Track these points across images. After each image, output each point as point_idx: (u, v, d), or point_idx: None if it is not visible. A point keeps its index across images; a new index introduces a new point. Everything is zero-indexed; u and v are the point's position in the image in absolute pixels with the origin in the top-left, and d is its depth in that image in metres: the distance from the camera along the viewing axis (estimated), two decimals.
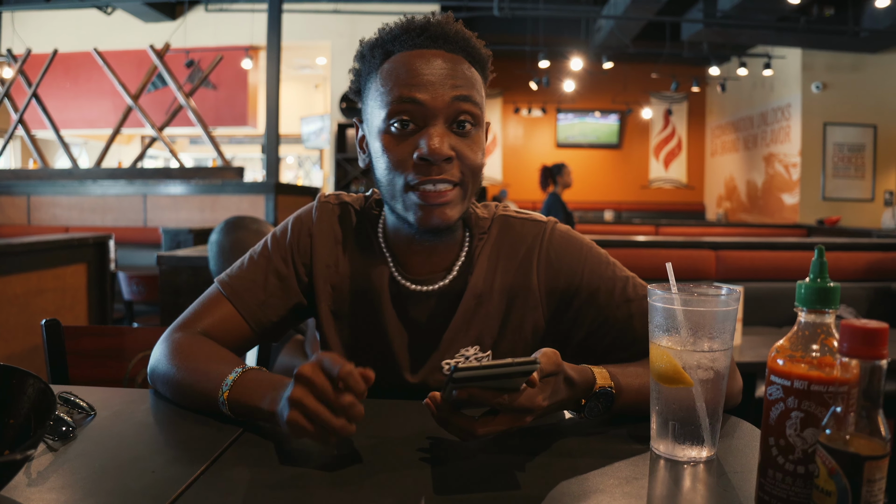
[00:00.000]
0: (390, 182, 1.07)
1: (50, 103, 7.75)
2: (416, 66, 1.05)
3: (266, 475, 0.82)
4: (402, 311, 1.19)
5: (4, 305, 3.21)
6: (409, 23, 1.09)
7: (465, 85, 1.06)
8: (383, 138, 1.07)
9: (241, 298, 1.19)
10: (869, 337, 0.61)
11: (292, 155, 16.11)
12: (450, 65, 1.06)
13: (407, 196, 1.06)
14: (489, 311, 1.17)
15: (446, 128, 1.05)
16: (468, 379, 0.81)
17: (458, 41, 1.09)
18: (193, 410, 1.06)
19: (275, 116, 6.52)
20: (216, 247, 2.42)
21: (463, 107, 1.05)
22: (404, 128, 1.05)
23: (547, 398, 0.89)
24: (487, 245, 1.19)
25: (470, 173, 1.07)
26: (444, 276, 1.17)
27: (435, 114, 1.04)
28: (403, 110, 1.04)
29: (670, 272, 0.91)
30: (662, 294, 0.87)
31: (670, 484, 0.83)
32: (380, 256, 1.19)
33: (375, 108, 1.08)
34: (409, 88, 1.03)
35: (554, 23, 10.43)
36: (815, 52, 9.92)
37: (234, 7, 9.62)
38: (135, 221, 6.26)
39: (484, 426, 0.86)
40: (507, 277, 1.18)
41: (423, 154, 1.02)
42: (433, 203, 1.04)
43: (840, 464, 0.61)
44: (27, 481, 0.79)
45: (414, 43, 1.07)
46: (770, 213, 11.09)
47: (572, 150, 13.29)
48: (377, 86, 1.08)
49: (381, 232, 1.21)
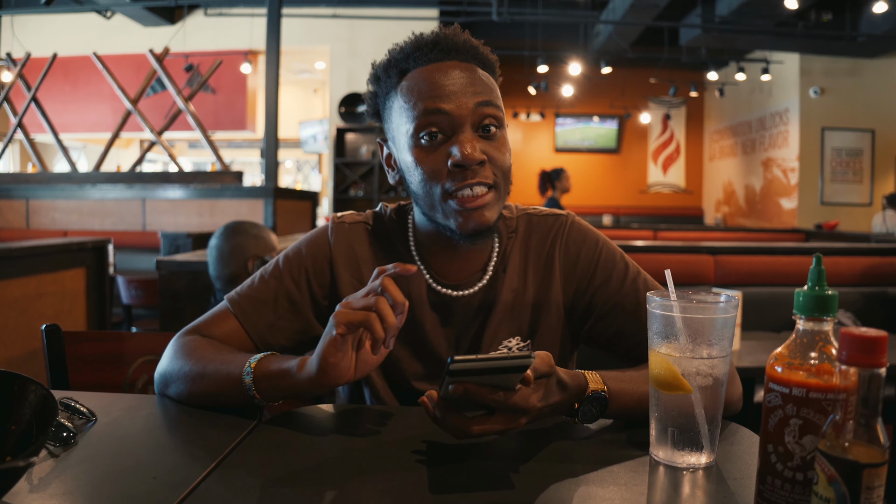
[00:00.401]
0: (427, 193, 1.10)
1: (49, 107, 7.76)
2: (435, 79, 1.08)
3: (268, 480, 0.83)
4: (444, 319, 1.21)
5: (3, 309, 3.21)
6: (418, 40, 1.13)
7: (484, 90, 1.10)
8: (415, 152, 1.10)
9: (250, 319, 1.20)
10: (868, 345, 0.61)
11: (291, 159, 16.12)
12: (467, 73, 1.10)
13: (446, 204, 1.09)
14: (524, 303, 1.22)
15: (474, 133, 1.08)
16: (465, 371, 0.82)
17: (469, 50, 1.13)
18: (207, 405, 1.07)
19: (274, 121, 6.53)
20: (216, 251, 2.43)
21: (486, 111, 1.09)
22: (433, 139, 1.08)
23: (541, 399, 0.90)
24: (516, 242, 1.24)
25: (501, 174, 1.11)
26: (480, 278, 1.21)
27: (461, 122, 1.07)
28: (431, 122, 1.07)
29: (669, 279, 0.92)
30: (661, 301, 0.87)
31: (669, 490, 0.83)
32: None
33: (402, 125, 1.11)
34: (433, 100, 1.07)
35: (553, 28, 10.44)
36: (813, 57, 9.95)
37: (234, 11, 9.64)
38: (133, 225, 6.26)
39: (479, 425, 0.87)
40: (537, 270, 1.23)
41: (457, 161, 1.05)
42: (472, 207, 1.07)
43: (839, 471, 0.61)
44: (29, 487, 0.79)
45: (428, 58, 1.10)
46: (768, 218, 11.10)
47: (571, 155, 13.30)
48: (400, 103, 1.11)
49: (412, 242, 1.23)
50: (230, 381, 1.03)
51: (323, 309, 1.23)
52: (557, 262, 1.23)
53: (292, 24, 9.33)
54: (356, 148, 10.61)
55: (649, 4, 8.36)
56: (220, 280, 2.42)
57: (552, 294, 1.22)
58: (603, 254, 1.23)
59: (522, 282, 1.22)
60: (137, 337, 1.64)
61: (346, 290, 1.21)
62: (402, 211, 1.28)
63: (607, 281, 1.21)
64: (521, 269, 1.23)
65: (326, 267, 1.23)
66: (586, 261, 1.23)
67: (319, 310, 1.23)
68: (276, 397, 1.02)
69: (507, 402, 0.86)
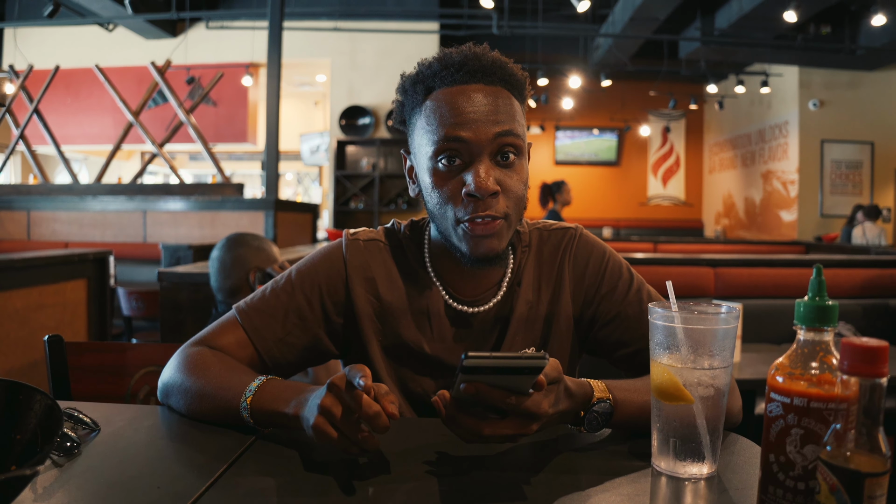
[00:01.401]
0: (443, 215, 1.13)
1: (51, 119, 7.78)
2: (458, 104, 1.09)
3: (272, 491, 0.83)
4: (462, 334, 1.22)
5: (4, 321, 3.21)
6: (446, 58, 1.13)
7: (506, 119, 1.10)
8: (433, 175, 1.12)
9: (259, 333, 1.19)
10: (869, 355, 0.62)
11: (292, 171, 16.15)
12: (490, 99, 1.10)
13: (458, 229, 1.11)
14: (538, 315, 1.24)
15: (491, 162, 1.10)
16: (478, 369, 0.81)
17: (496, 72, 1.12)
18: (205, 421, 1.06)
19: (275, 133, 6.55)
20: (217, 263, 2.43)
21: (506, 140, 1.10)
22: (451, 163, 1.10)
23: (552, 405, 0.90)
24: (530, 257, 1.27)
25: (514, 205, 1.12)
26: (495, 293, 1.23)
27: (480, 150, 1.08)
28: (449, 148, 1.09)
29: (670, 290, 0.92)
30: (663, 312, 0.88)
31: (671, 500, 0.83)
32: (429, 284, 1.23)
33: (423, 145, 1.13)
34: (453, 128, 1.08)
35: (552, 41, 10.50)
36: (813, 70, 9.99)
37: (235, 24, 9.69)
38: (134, 237, 6.26)
39: (490, 427, 0.86)
40: (549, 282, 1.26)
41: (471, 191, 1.07)
42: (482, 235, 1.09)
43: (841, 480, 0.62)
44: (33, 497, 0.79)
45: (454, 79, 1.11)
46: (768, 230, 11.12)
47: (571, 168, 13.34)
48: (423, 123, 1.13)
49: (427, 259, 1.24)
50: (228, 410, 1.03)
51: (336, 326, 1.23)
52: (567, 274, 1.26)
53: (293, 38, 9.37)
54: (357, 160, 10.64)
55: (649, 18, 8.40)
56: (222, 292, 2.42)
57: (562, 305, 1.25)
58: (610, 264, 1.26)
59: (536, 294, 1.25)
60: (139, 348, 1.64)
61: (361, 306, 1.22)
62: (417, 227, 1.29)
63: (612, 290, 1.24)
64: (534, 282, 1.26)
65: (341, 284, 1.23)
66: (593, 271, 1.26)
67: (332, 327, 1.23)
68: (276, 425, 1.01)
69: (520, 407, 0.85)
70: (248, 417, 1.00)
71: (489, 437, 0.87)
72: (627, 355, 1.22)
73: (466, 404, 0.87)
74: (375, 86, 10.14)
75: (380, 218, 10.43)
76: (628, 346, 1.22)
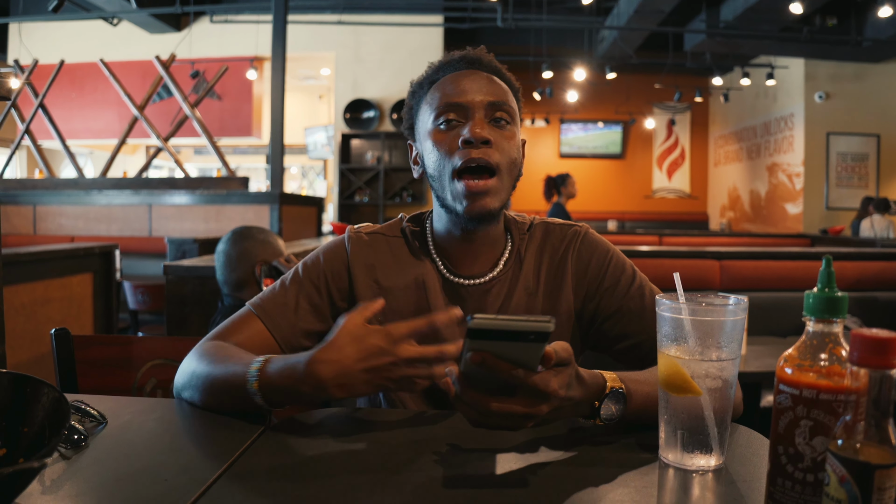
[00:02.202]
0: (440, 172, 1.23)
1: (56, 113, 7.79)
2: (457, 80, 1.24)
3: (279, 483, 0.83)
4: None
5: (11, 315, 3.22)
6: (449, 55, 1.30)
7: (499, 93, 1.24)
8: (433, 135, 1.24)
9: (274, 320, 1.25)
10: (879, 346, 0.61)
11: (296, 165, 16.14)
12: (486, 79, 1.25)
13: (454, 185, 1.20)
14: (536, 303, 1.30)
15: (485, 121, 1.22)
16: (484, 332, 0.81)
17: (492, 65, 1.29)
18: (218, 410, 1.07)
19: (279, 127, 6.54)
20: (223, 256, 2.43)
21: (498, 107, 1.23)
22: (450, 124, 1.22)
23: (562, 387, 0.89)
24: (532, 244, 1.33)
25: (507, 165, 1.22)
26: (492, 270, 1.30)
27: (474, 111, 1.21)
28: (449, 111, 1.22)
29: (678, 282, 0.92)
30: (670, 304, 0.87)
31: (679, 493, 0.83)
32: (428, 265, 1.30)
33: (426, 118, 1.26)
34: (452, 96, 1.22)
35: (557, 33, 10.47)
36: (818, 62, 9.95)
37: (239, 18, 9.67)
38: (140, 231, 6.27)
39: (499, 403, 0.86)
40: (550, 274, 1.31)
41: (466, 137, 1.18)
42: (475, 192, 1.18)
43: (850, 472, 0.61)
44: (41, 489, 0.79)
45: (454, 68, 1.27)
46: (773, 223, 11.09)
47: (576, 161, 13.31)
48: (426, 104, 1.27)
49: (430, 242, 1.33)
50: (237, 387, 1.03)
51: (341, 311, 1.29)
52: (570, 268, 1.31)
53: (298, 31, 9.35)
54: (361, 154, 10.63)
55: (654, 10, 8.37)
56: (228, 285, 2.42)
57: (563, 298, 1.30)
58: (613, 261, 1.31)
59: (536, 283, 1.30)
60: (146, 341, 1.65)
61: (361, 290, 1.29)
62: (419, 217, 1.38)
63: (615, 285, 1.29)
64: (535, 270, 1.31)
65: (344, 271, 1.31)
66: (596, 267, 1.31)
67: (338, 312, 1.29)
68: (282, 401, 1.01)
69: (527, 381, 0.85)
70: (255, 390, 1.00)
71: (497, 414, 0.86)
72: (628, 348, 1.27)
73: (475, 381, 0.87)
74: (380, 79, 10.12)
75: (385, 211, 10.43)
76: (629, 339, 1.27)
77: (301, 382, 0.96)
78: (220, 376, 1.07)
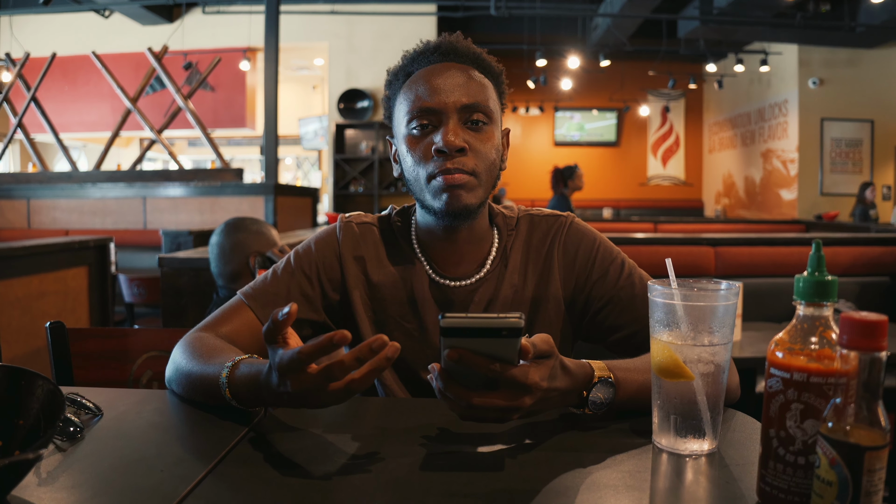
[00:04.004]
0: (416, 177, 1.20)
1: (49, 107, 7.75)
2: (429, 78, 1.19)
3: (273, 473, 0.83)
4: (445, 309, 1.26)
5: (6, 309, 3.22)
6: (424, 45, 1.25)
7: (476, 92, 1.19)
8: (407, 140, 1.20)
9: (265, 310, 1.24)
10: (868, 329, 0.62)
11: (291, 156, 16.12)
12: (461, 74, 1.19)
13: (430, 185, 1.18)
14: (523, 299, 1.28)
15: (460, 125, 1.17)
16: (456, 330, 0.82)
17: (468, 54, 1.23)
18: (202, 405, 1.07)
19: (273, 118, 6.53)
20: (217, 248, 2.43)
21: (475, 108, 1.18)
22: (423, 129, 1.18)
23: (544, 379, 0.89)
24: (518, 241, 1.31)
25: (484, 168, 1.19)
26: (479, 270, 1.28)
27: (447, 115, 1.16)
28: (422, 115, 1.17)
29: (670, 268, 0.92)
30: (662, 289, 0.88)
31: (673, 477, 0.84)
32: (415, 263, 1.29)
33: (401, 119, 1.22)
34: (425, 99, 1.17)
35: (551, 21, 10.44)
36: (812, 48, 9.94)
37: (232, 9, 9.63)
38: (134, 224, 6.26)
39: (480, 397, 0.86)
40: (536, 267, 1.29)
41: (438, 146, 1.15)
42: (452, 185, 1.15)
43: (841, 454, 0.62)
44: (37, 481, 0.80)
45: (429, 60, 1.22)
46: (768, 209, 11.11)
47: (570, 149, 13.31)
48: (401, 101, 1.22)
49: (414, 239, 1.31)
50: (212, 389, 1.01)
51: (333, 302, 1.29)
52: (556, 259, 1.29)
53: (291, 21, 9.32)
54: (356, 144, 10.61)
55: None
56: (222, 277, 2.42)
57: (551, 290, 1.28)
58: (601, 250, 1.29)
59: (522, 279, 1.28)
60: (141, 333, 1.65)
61: (352, 283, 1.28)
62: (406, 212, 1.35)
63: (604, 275, 1.27)
64: (521, 266, 1.29)
65: (335, 262, 1.29)
66: (584, 257, 1.29)
67: (329, 302, 1.29)
68: (253, 404, 0.98)
69: (505, 374, 0.85)
70: (227, 395, 0.97)
71: (479, 409, 0.87)
72: (622, 339, 1.25)
73: (458, 376, 0.87)
74: (373, 69, 10.09)
75: (380, 201, 10.42)
76: (622, 329, 1.25)
77: (263, 389, 0.91)
78: (197, 376, 1.05)
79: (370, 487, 0.79)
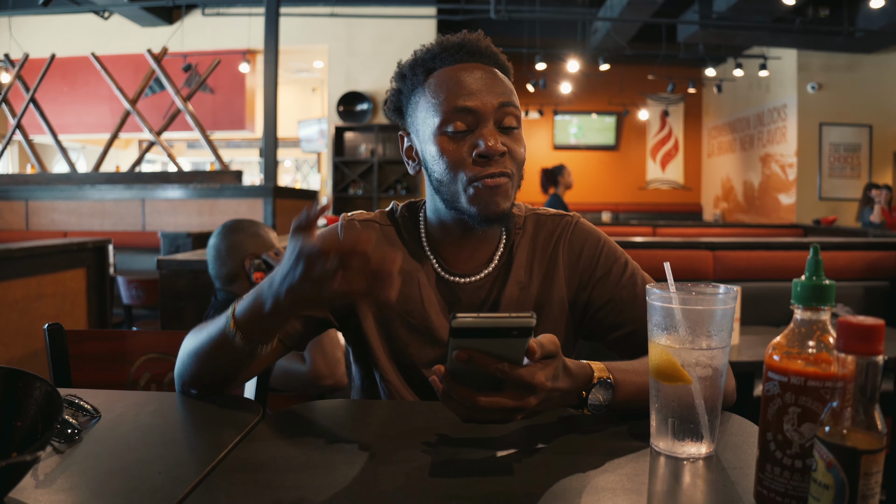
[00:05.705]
0: (452, 180, 1.18)
1: (48, 108, 7.75)
2: (462, 78, 1.18)
3: (272, 476, 0.83)
4: (451, 307, 1.27)
5: (4, 310, 3.21)
6: (445, 41, 1.23)
7: (506, 92, 1.20)
8: (440, 142, 1.18)
9: None
10: (865, 333, 0.62)
11: (290, 158, 16.11)
12: (489, 75, 1.20)
13: (468, 190, 1.17)
14: (528, 298, 1.28)
15: (495, 128, 1.18)
16: (468, 330, 0.82)
17: (491, 55, 1.24)
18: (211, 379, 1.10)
19: (272, 120, 6.53)
20: (214, 250, 2.42)
21: (508, 110, 1.19)
22: (458, 131, 1.17)
23: (549, 379, 0.90)
24: (524, 239, 1.31)
25: (516, 166, 1.20)
26: (486, 267, 1.28)
27: (486, 118, 1.17)
28: (458, 117, 1.17)
29: (668, 272, 0.93)
30: (661, 293, 0.88)
31: (670, 480, 0.84)
32: (422, 259, 1.28)
33: (428, 118, 1.20)
34: (461, 98, 1.16)
35: (550, 25, 10.44)
36: (811, 53, 9.95)
37: (232, 11, 9.63)
38: (133, 226, 6.26)
39: (487, 398, 0.87)
40: (542, 266, 1.30)
41: (482, 151, 1.15)
42: (494, 191, 1.16)
43: (837, 458, 0.62)
44: (35, 483, 0.80)
45: (454, 59, 1.21)
46: (767, 214, 11.11)
47: (570, 152, 13.31)
48: (427, 98, 1.20)
49: (423, 234, 1.30)
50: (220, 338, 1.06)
51: None
52: (561, 259, 1.30)
53: (290, 24, 9.32)
54: (355, 146, 10.61)
55: (647, 1, 8.36)
56: (219, 279, 2.42)
57: (555, 289, 1.29)
58: (605, 250, 1.30)
59: (528, 277, 1.29)
60: (140, 335, 1.65)
61: None
62: (413, 206, 1.35)
63: (607, 274, 1.28)
64: (527, 264, 1.29)
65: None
66: (588, 256, 1.30)
67: None
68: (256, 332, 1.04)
69: (513, 374, 0.86)
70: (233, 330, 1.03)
71: (485, 410, 0.87)
72: (621, 337, 1.26)
73: (462, 377, 0.87)
74: (373, 71, 10.09)
75: (379, 204, 10.41)
76: (622, 328, 1.26)
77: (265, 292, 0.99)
78: (205, 339, 1.10)
79: (368, 490, 0.79)
